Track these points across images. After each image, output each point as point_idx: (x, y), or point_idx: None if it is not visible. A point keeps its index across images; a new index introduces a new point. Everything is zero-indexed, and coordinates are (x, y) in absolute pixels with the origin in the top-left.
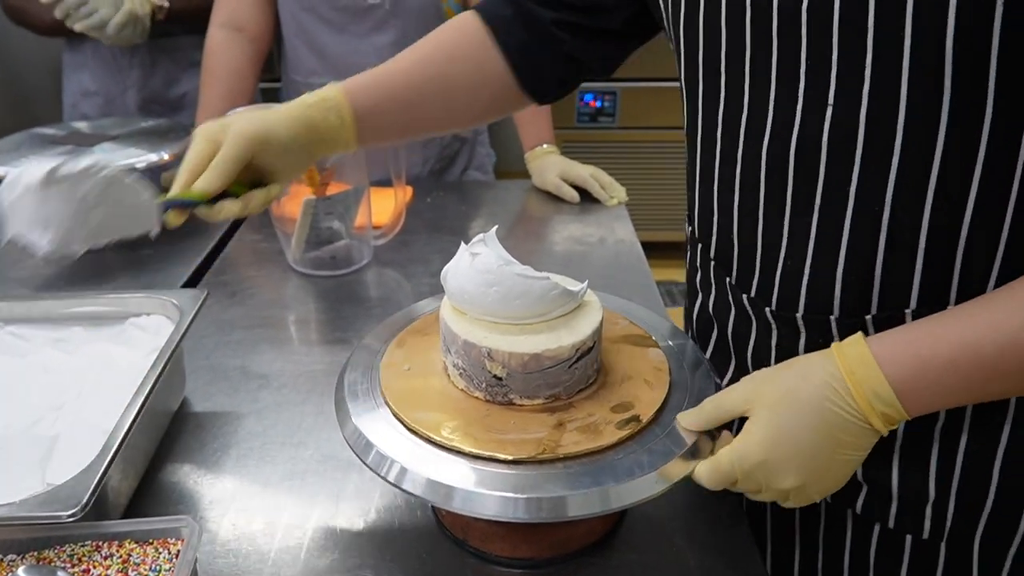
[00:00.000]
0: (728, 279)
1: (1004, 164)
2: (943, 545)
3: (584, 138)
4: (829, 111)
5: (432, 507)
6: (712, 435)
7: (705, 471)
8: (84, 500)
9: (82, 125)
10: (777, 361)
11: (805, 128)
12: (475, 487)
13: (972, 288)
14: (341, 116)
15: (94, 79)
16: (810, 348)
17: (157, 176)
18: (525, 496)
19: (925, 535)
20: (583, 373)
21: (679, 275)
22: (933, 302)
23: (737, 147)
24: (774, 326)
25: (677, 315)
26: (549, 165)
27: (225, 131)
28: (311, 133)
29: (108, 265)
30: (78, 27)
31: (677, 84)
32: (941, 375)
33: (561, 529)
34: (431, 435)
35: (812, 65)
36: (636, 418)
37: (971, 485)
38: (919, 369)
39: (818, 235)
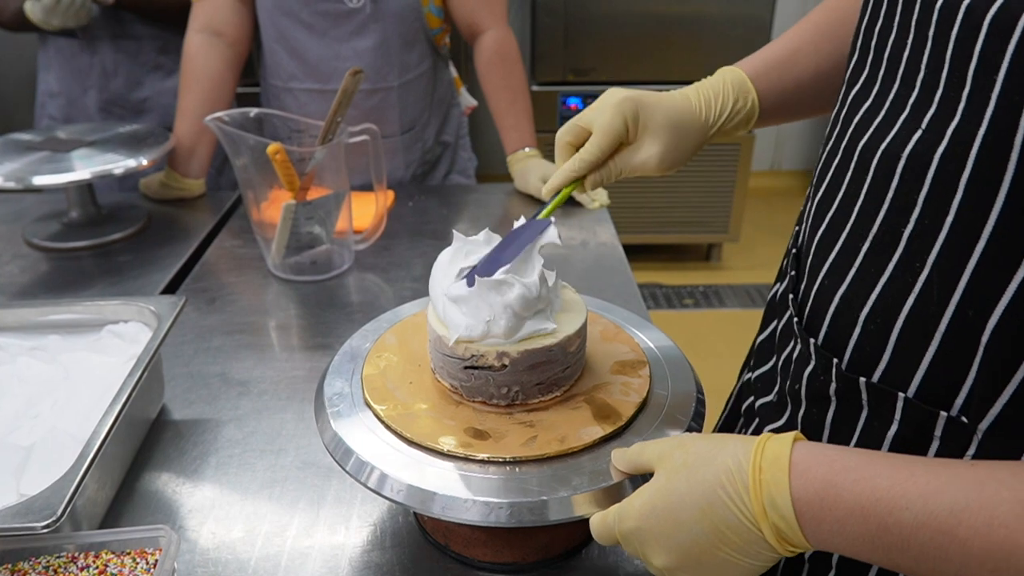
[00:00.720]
0: (793, 275)
1: None
2: None
3: None
4: (917, 134)
5: (414, 512)
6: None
7: (594, 522)
8: (59, 511)
9: (59, 131)
10: (793, 378)
11: (894, 142)
12: (456, 492)
13: (978, 403)
14: (745, 94)
15: (58, 80)
16: (812, 380)
17: (135, 182)
18: (507, 500)
19: None
20: (579, 359)
21: (660, 277)
22: (931, 397)
23: (845, 136)
24: (798, 341)
25: (657, 317)
26: (531, 168)
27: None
28: (702, 109)
29: (85, 272)
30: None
31: (660, 88)
32: (847, 516)
33: (544, 533)
34: (412, 437)
35: (928, 76)
36: (616, 420)
37: None
38: (828, 499)
39: (861, 265)
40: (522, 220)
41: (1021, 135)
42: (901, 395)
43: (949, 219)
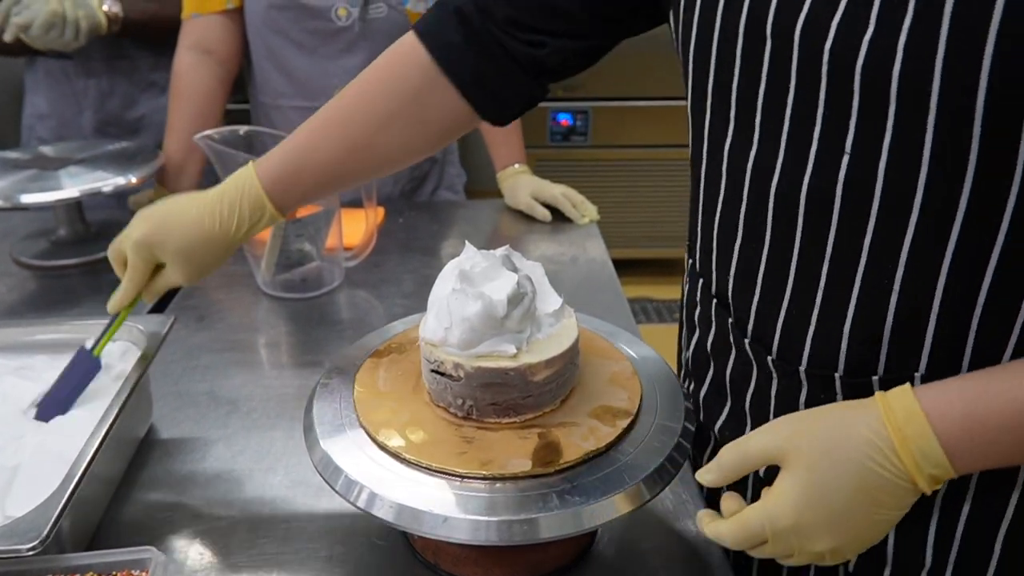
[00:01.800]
0: (729, 319)
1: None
2: None
3: (557, 156)
4: (845, 159)
5: (404, 532)
6: (685, 452)
7: (730, 531)
8: (44, 533)
9: (46, 148)
10: (777, 412)
11: (818, 175)
12: (445, 511)
13: (987, 355)
14: (269, 213)
15: (47, 101)
16: (811, 403)
17: (124, 199)
18: (497, 519)
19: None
20: (554, 391)
21: (651, 292)
22: (944, 367)
23: (743, 184)
24: (775, 375)
25: (648, 332)
26: (521, 184)
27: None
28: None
29: (73, 290)
30: (7, 35)
31: (649, 104)
32: (996, 436)
33: (534, 551)
34: (402, 453)
35: (830, 109)
36: (552, 462)
37: (971, 555)
38: (972, 428)
39: (826, 288)
40: (468, 247)
41: (977, 128)
42: (917, 375)
43: (913, 218)
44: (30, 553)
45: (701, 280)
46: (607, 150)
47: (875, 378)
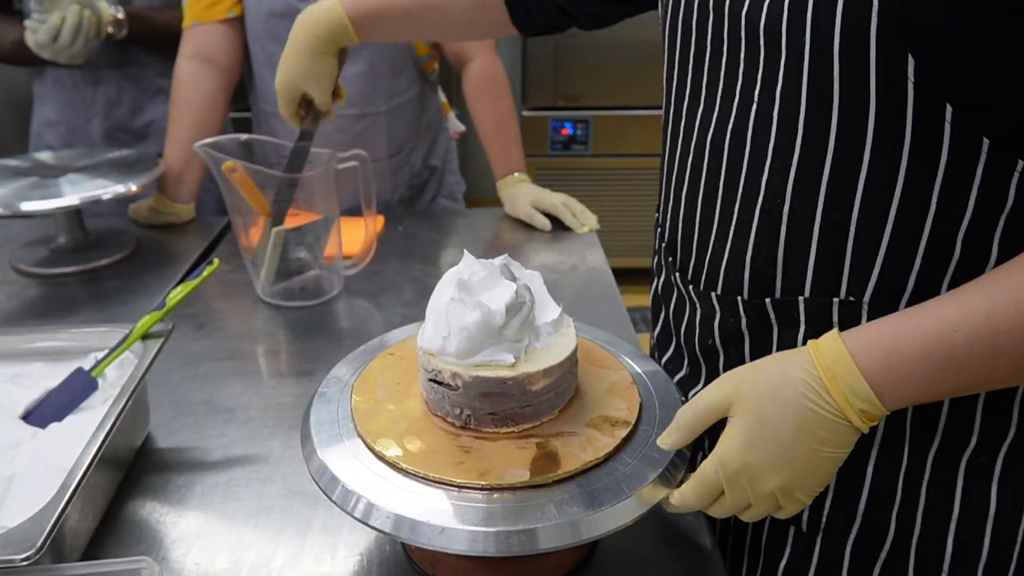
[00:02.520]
0: (671, 259)
1: (887, 169)
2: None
3: (557, 165)
4: (754, 107)
5: (401, 543)
6: (684, 459)
7: (690, 486)
8: (39, 543)
9: (47, 156)
10: (702, 339)
11: (737, 121)
12: (443, 522)
13: (860, 278)
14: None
15: (56, 109)
16: (724, 327)
17: (124, 207)
18: (495, 530)
19: (804, 527)
20: (552, 401)
21: (648, 302)
22: (824, 291)
23: (692, 137)
24: (698, 305)
25: (645, 342)
26: (521, 193)
27: None
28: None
29: (73, 298)
30: (33, 43)
31: (649, 113)
32: (916, 366)
33: (532, 562)
34: (399, 463)
35: (748, 65)
36: (550, 473)
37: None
38: (893, 362)
39: (737, 221)
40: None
41: (836, 70)
42: (800, 298)
43: (795, 155)
44: (25, 563)
45: (659, 230)
46: (607, 159)
47: (768, 300)
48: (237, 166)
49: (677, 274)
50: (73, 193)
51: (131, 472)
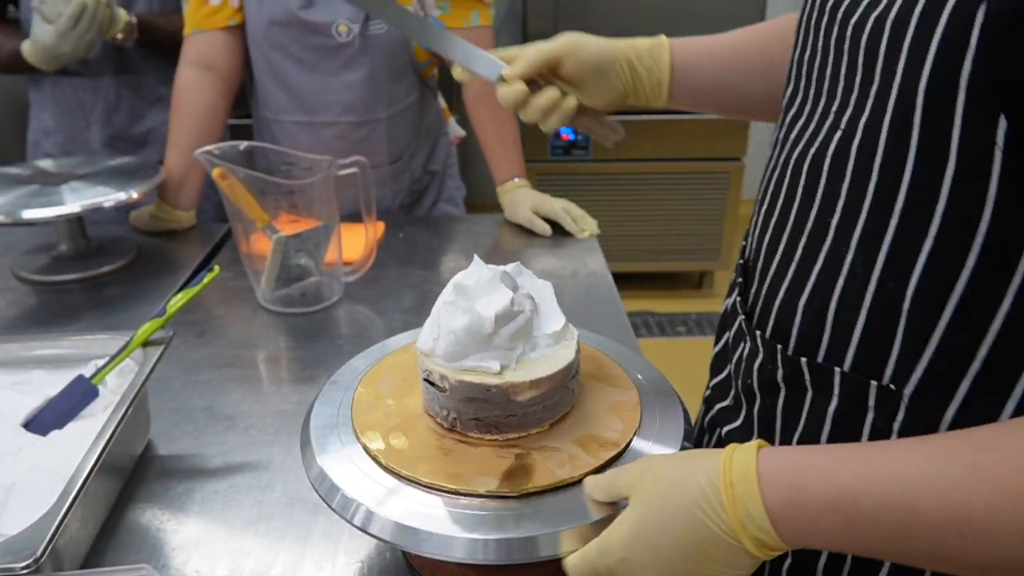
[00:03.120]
0: (739, 280)
1: (955, 248)
2: None
3: (558, 171)
4: (838, 135)
5: (401, 550)
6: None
7: (573, 562)
8: (39, 551)
9: (47, 164)
10: (744, 376)
11: (820, 146)
12: (443, 530)
13: (906, 366)
14: (659, 58)
15: (54, 117)
16: (762, 372)
17: (125, 214)
18: (495, 537)
19: None
20: (540, 414)
21: (651, 306)
22: (865, 370)
23: (784, 148)
24: (747, 339)
25: (648, 346)
26: (521, 199)
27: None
28: (625, 58)
29: (74, 305)
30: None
31: (649, 118)
32: (817, 516)
33: (533, 569)
34: (399, 469)
35: (846, 84)
36: (519, 485)
37: None
38: (797, 502)
39: (800, 259)
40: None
41: (918, 115)
42: (838, 370)
43: (867, 202)
44: (25, 572)
45: (743, 243)
46: (608, 164)
47: (804, 361)
48: (228, 173)
49: (739, 299)
50: (74, 201)
51: (131, 479)
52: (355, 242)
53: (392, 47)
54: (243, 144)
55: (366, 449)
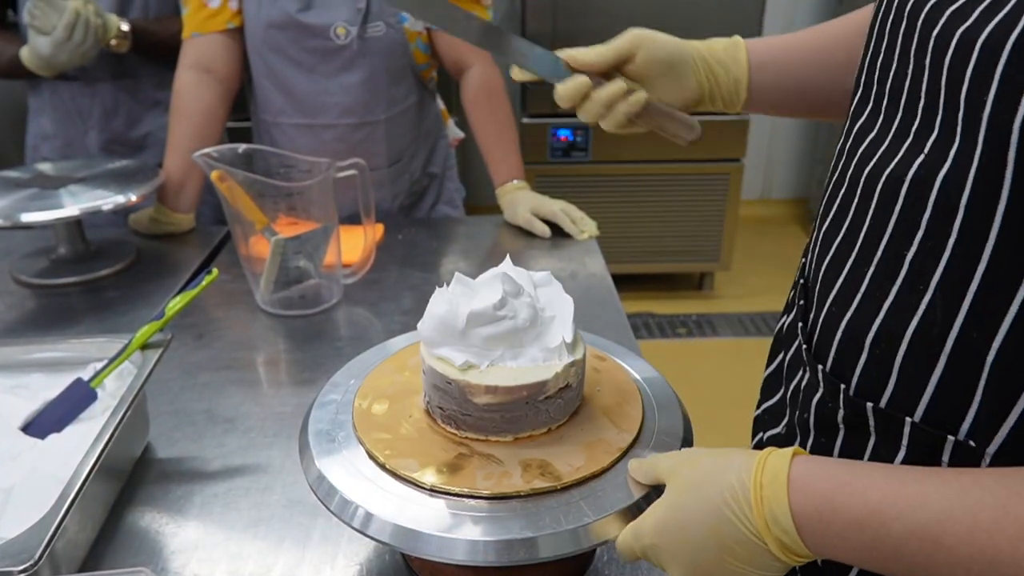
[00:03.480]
0: (800, 301)
1: None
2: None
3: (557, 172)
4: (920, 159)
5: (400, 552)
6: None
7: (618, 541)
8: (37, 554)
9: (47, 167)
10: (801, 407)
11: (898, 167)
12: (443, 532)
13: (989, 423)
14: (736, 57)
15: (53, 122)
16: (821, 409)
17: (124, 217)
18: (495, 539)
19: None
20: (498, 424)
21: (653, 307)
22: (940, 423)
23: (852, 163)
24: (807, 369)
25: (648, 348)
26: (520, 200)
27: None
28: (699, 56)
29: (73, 308)
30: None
31: None
32: (845, 529)
33: (533, 571)
34: (400, 471)
35: (928, 102)
36: (548, 481)
37: None
38: (826, 514)
39: (866, 292)
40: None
41: (1013, 151)
42: (908, 420)
43: (951, 240)
44: (23, 575)
45: (803, 260)
46: (607, 166)
47: (870, 405)
48: (227, 176)
49: (800, 324)
50: (73, 204)
51: (130, 482)
52: (354, 244)
53: (391, 49)
54: (242, 147)
55: (365, 449)
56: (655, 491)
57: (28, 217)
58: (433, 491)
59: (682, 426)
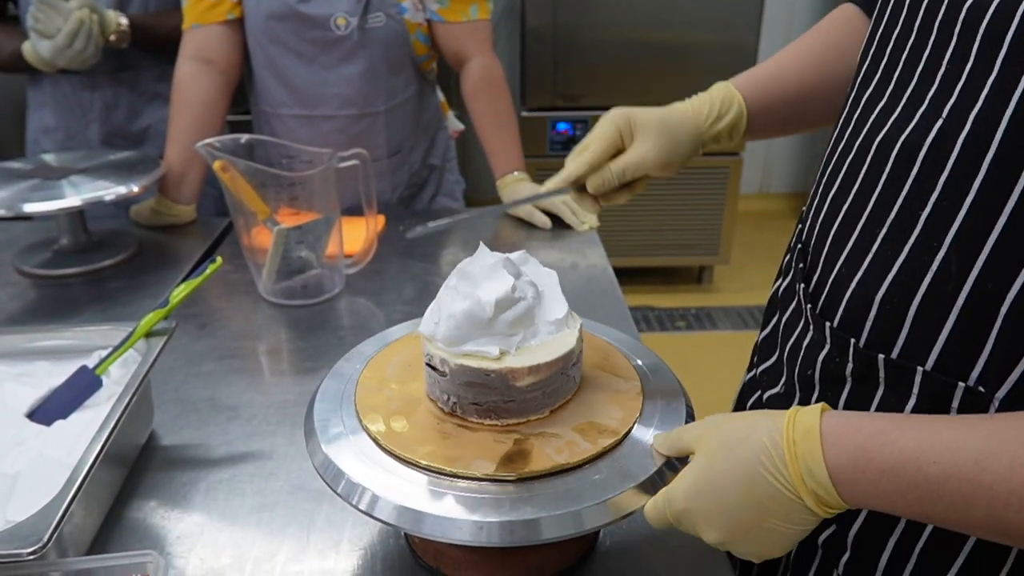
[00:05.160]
0: (802, 268)
1: None
2: None
3: (557, 165)
4: (939, 124)
5: (405, 536)
6: (676, 466)
7: (647, 508)
8: (45, 537)
9: (49, 158)
10: (803, 365)
11: (914, 133)
12: (447, 512)
13: (999, 370)
14: (738, 108)
15: (54, 115)
16: (827, 364)
17: (126, 209)
18: (498, 520)
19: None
20: (540, 400)
21: (652, 300)
22: (950, 370)
23: (861, 131)
24: (811, 327)
25: (648, 340)
26: (521, 191)
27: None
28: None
29: (75, 299)
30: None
31: None
32: (879, 478)
33: (536, 554)
34: (401, 453)
35: (950, 69)
36: (518, 468)
37: None
38: (860, 463)
39: (877, 253)
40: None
41: None
42: (920, 369)
43: (969, 198)
44: (31, 557)
45: (798, 227)
46: None
47: (881, 358)
48: (229, 166)
49: (801, 285)
50: (75, 195)
51: (135, 470)
52: (356, 235)
53: (391, 40)
54: (244, 137)
55: (369, 433)
56: (668, 466)
57: (30, 207)
58: (443, 474)
59: (684, 415)
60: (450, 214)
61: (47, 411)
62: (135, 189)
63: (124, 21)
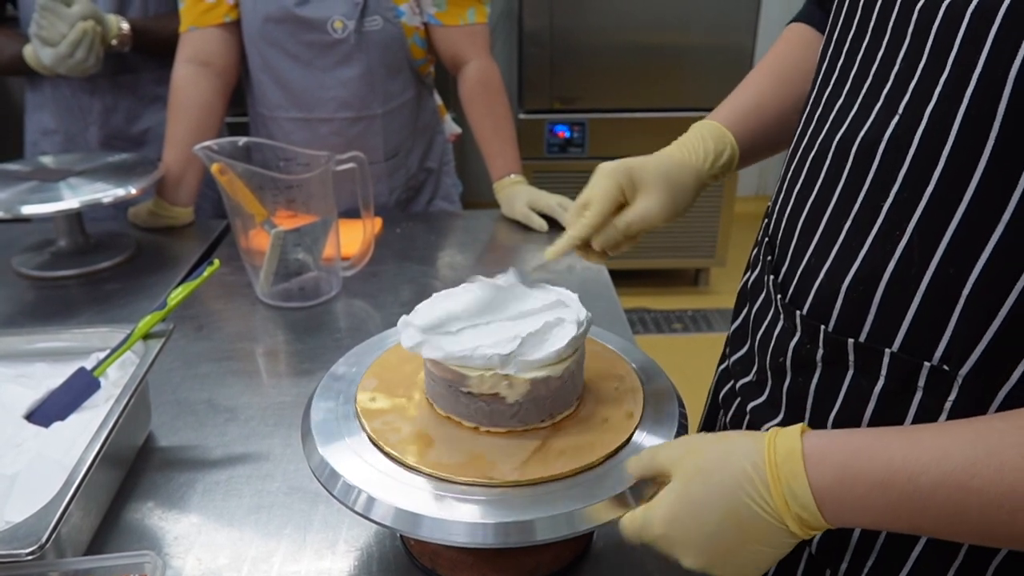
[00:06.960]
0: (769, 258)
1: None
2: None
3: (554, 168)
4: (895, 120)
5: (401, 537)
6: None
7: (624, 521)
8: (43, 538)
9: (47, 160)
10: (775, 353)
11: (872, 130)
12: (442, 514)
13: (961, 348)
14: (731, 146)
15: (54, 118)
16: (799, 350)
17: (124, 210)
18: (493, 521)
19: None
20: (553, 402)
21: (648, 302)
22: (916, 351)
23: (822, 129)
24: (781, 316)
25: (644, 343)
26: (517, 194)
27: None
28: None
29: (73, 301)
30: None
31: (645, 115)
32: (868, 493)
33: (530, 555)
34: (401, 457)
35: (904, 68)
36: (606, 442)
37: None
38: (846, 480)
39: (843, 243)
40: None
41: (1003, 104)
42: (887, 350)
43: (929, 189)
44: (29, 558)
45: (764, 221)
46: (603, 161)
47: (851, 342)
48: (227, 169)
49: (770, 277)
50: (73, 197)
51: (133, 471)
52: (353, 237)
53: (388, 43)
54: (242, 140)
55: (365, 435)
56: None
57: (28, 209)
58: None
59: (678, 419)
60: (447, 217)
61: (45, 412)
62: (133, 191)
63: (125, 26)
